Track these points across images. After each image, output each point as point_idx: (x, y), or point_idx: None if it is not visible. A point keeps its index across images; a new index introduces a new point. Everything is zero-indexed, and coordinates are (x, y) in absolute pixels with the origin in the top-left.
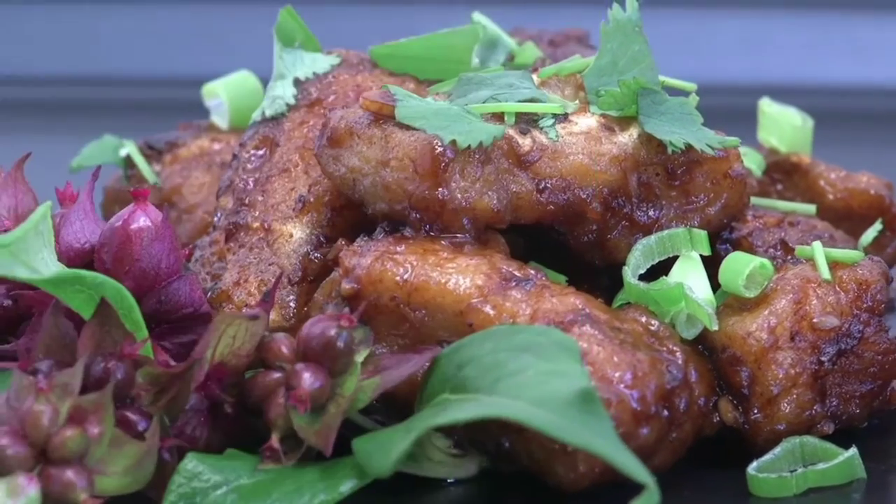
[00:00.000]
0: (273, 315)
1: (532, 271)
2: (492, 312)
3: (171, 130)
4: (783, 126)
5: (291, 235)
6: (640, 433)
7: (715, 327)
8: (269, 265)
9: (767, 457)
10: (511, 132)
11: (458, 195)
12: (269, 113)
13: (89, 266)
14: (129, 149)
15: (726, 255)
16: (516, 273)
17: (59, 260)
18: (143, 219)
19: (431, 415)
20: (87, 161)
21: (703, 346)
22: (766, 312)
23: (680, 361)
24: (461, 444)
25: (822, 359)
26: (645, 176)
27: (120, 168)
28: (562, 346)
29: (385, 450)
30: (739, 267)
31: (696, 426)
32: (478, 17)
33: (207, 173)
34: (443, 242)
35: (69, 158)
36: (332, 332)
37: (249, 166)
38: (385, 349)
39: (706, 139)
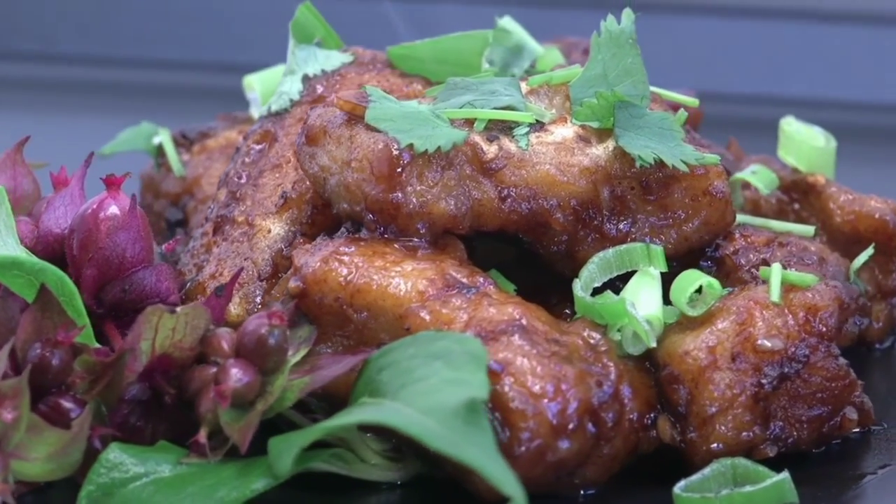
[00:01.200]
0: (239, 310)
1: (481, 279)
2: (428, 318)
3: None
4: (803, 146)
5: (269, 231)
6: (559, 446)
7: (652, 344)
8: (245, 260)
9: (696, 476)
10: (477, 138)
11: (414, 199)
12: (274, 108)
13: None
14: (162, 137)
15: (708, 273)
16: (461, 280)
17: (37, 244)
18: (112, 207)
19: (337, 418)
20: (120, 147)
21: (650, 363)
22: (707, 332)
23: (612, 377)
24: (399, 447)
25: (763, 381)
26: (619, 189)
27: (152, 156)
28: (471, 355)
29: (291, 450)
30: (685, 284)
31: (628, 442)
32: (504, 22)
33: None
34: (395, 246)
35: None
36: (264, 329)
37: (247, 160)
38: (330, 349)
39: (683, 155)
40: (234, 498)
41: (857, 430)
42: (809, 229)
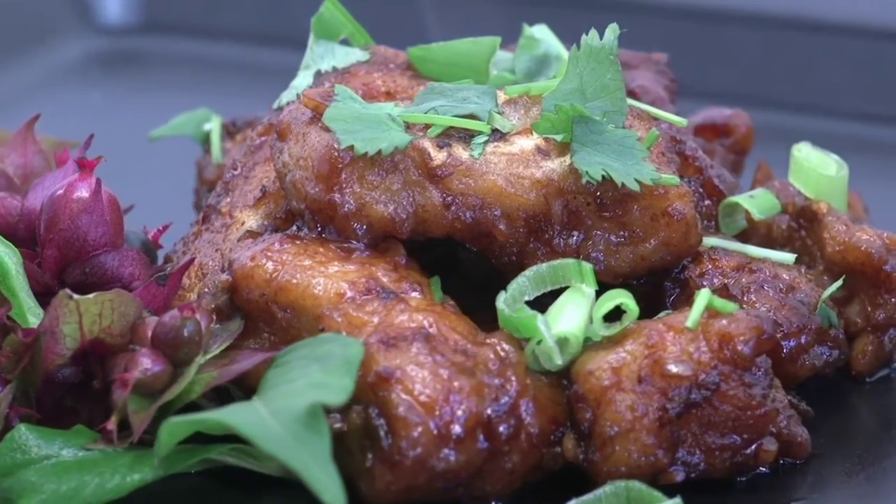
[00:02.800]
0: None
1: (407, 286)
2: (340, 320)
3: None
4: (811, 173)
5: (243, 223)
6: (444, 456)
7: (558, 362)
8: (216, 251)
9: (589, 496)
10: (426, 144)
11: (351, 200)
12: (283, 102)
13: None
14: (213, 124)
15: (671, 294)
16: (384, 285)
17: (20, 221)
18: (80, 189)
19: (205, 413)
20: (170, 132)
21: (567, 381)
22: (615, 352)
23: (512, 391)
24: None
25: (668, 406)
26: (573, 204)
27: (200, 143)
28: (345, 360)
29: (173, 436)
30: (602, 303)
31: (529, 457)
32: (533, 30)
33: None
34: (331, 246)
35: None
36: (177, 321)
37: (246, 151)
38: (257, 345)
39: (639, 174)
40: (116, 484)
41: (794, 460)
42: (789, 257)
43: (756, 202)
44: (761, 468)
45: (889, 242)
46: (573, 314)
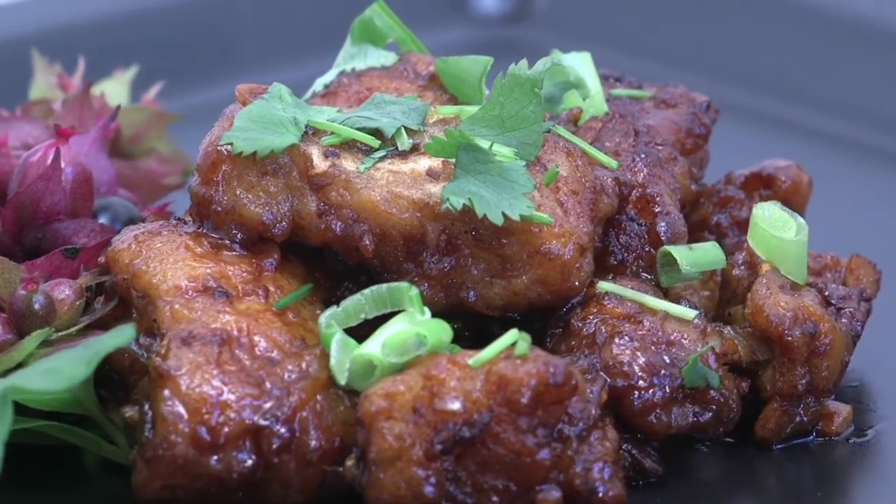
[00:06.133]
0: None
1: (253, 288)
2: (168, 313)
3: None
4: (765, 234)
5: None
6: (202, 459)
7: (341, 382)
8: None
9: None
10: (313, 151)
11: (225, 198)
12: (306, 97)
13: None
14: None
15: (552, 334)
16: (226, 285)
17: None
18: (47, 156)
19: None
20: None
21: None
22: (392, 381)
23: (291, 404)
24: None
25: (436, 440)
26: (452, 231)
27: None
28: (97, 350)
29: None
30: (393, 332)
31: (304, 472)
32: (562, 57)
33: None
34: (205, 240)
35: None
36: (24, 293)
37: None
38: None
39: (509, 208)
40: None
41: None
42: (690, 313)
43: (692, 254)
44: None
45: (804, 314)
46: (377, 338)
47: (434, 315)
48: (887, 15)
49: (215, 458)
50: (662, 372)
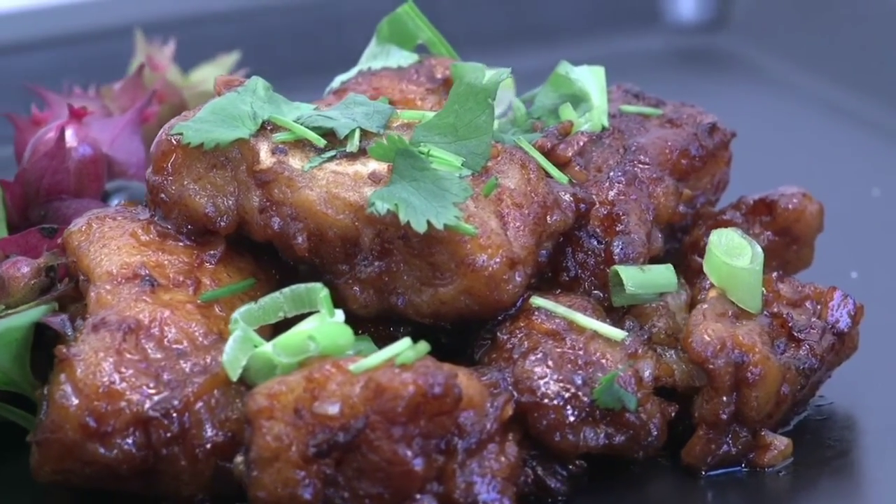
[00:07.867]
0: None
1: (184, 279)
2: (94, 297)
3: None
4: (717, 261)
5: None
6: (90, 446)
7: (233, 378)
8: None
9: None
10: (261, 147)
11: (172, 188)
12: (324, 94)
13: None
14: None
15: (481, 345)
16: (156, 274)
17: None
18: (50, 134)
19: None
20: None
21: None
22: (278, 380)
23: (182, 396)
24: None
25: (312, 443)
26: (386, 235)
27: None
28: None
29: None
30: (290, 333)
31: (196, 465)
32: (567, 69)
33: None
34: (153, 229)
35: None
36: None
37: None
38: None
39: (435, 216)
40: None
41: None
42: (619, 333)
43: (642, 276)
44: None
45: (733, 343)
46: (279, 338)
47: (375, 320)
48: None
49: (101, 446)
50: (571, 391)
